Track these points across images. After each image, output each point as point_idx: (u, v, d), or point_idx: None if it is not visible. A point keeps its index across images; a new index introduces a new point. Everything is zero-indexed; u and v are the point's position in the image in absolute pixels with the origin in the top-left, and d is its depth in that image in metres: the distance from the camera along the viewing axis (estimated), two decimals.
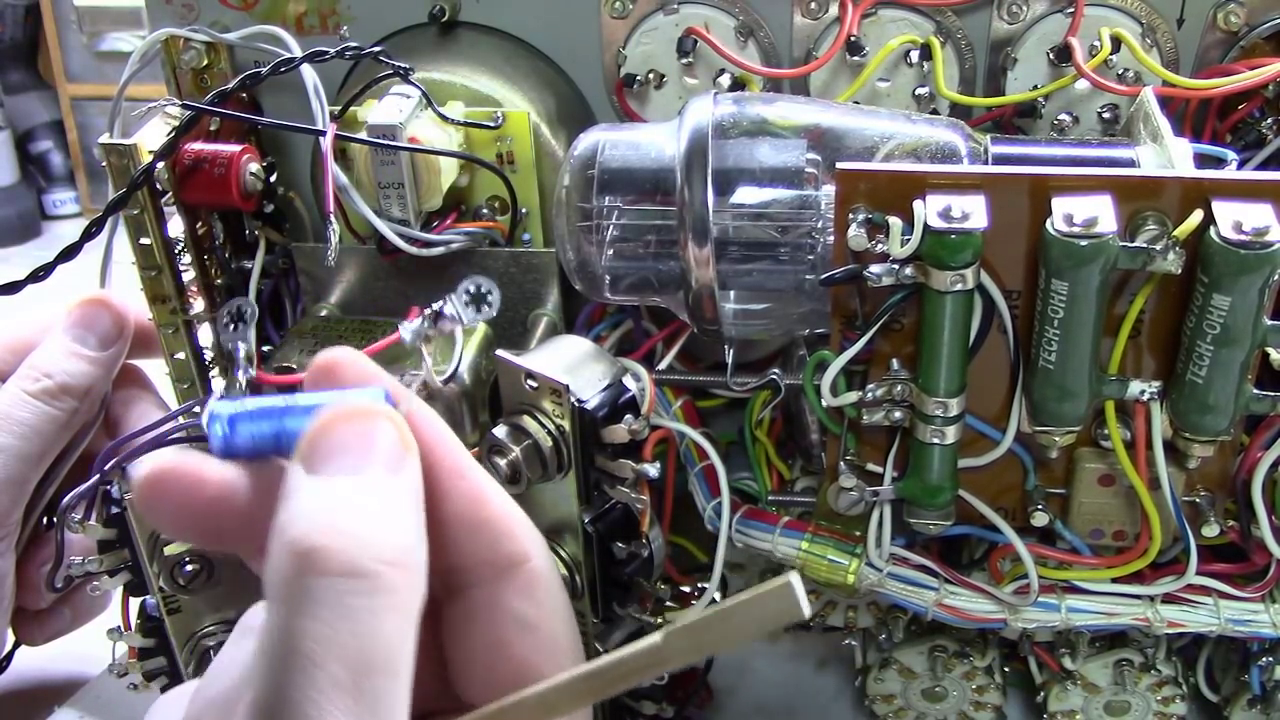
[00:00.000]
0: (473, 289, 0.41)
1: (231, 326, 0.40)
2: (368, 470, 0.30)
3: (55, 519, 0.52)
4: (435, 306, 0.40)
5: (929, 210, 0.36)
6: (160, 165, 0.44)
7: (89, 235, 0.44)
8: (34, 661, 0.56)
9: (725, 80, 0.48)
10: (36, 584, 0.52)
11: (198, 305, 0.48)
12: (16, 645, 0.55)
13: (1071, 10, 0.46)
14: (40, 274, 0.44)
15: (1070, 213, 0.36)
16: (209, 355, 0.49)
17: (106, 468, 0.44)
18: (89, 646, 0.54)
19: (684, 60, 0.48)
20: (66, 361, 0.48)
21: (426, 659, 0.30)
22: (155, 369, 0.54)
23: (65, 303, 0.49)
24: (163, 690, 0.50)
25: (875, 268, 0.38)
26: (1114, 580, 0.44)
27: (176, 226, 0.46)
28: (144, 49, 0.48)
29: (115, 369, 0.50)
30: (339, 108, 0.45)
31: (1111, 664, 0.51)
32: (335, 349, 0.34)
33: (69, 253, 0.44)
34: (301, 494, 0.30)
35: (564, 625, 0.36)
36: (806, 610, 0.31)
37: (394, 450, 0.31)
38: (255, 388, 0.44)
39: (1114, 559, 0.44)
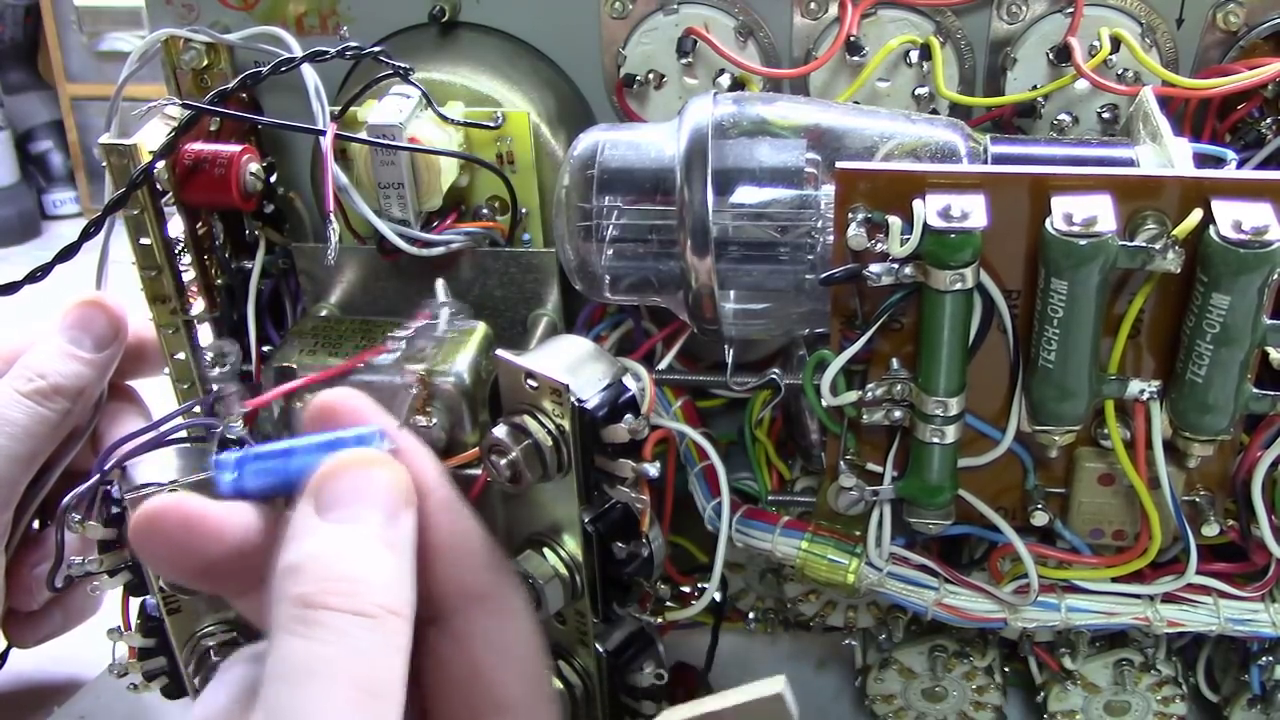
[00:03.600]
0: (444, 312, 0.42)
1: (215, 369, 0.40)
2: (372, 519, 0.33)
3: (50, 520, 0.52)
4: (407, 332, 0.41)
5: (928, 209, 0.36)
6: (160, 165, 0.44)
7: (87, 235, 0.44)
8: (33, 662, 0.56)
9: (725, 80, 0.48)
10: (28, 586, 0.52)
11: (198, 305, 0.48)
12: (9, 647, 0.55)
13: (1071, 10, 0.46)
14: (38, 274, 0.44)
15: (1070, 212, 0.36)
16: (209, 356, 0.49)
17: (106, 467, 0.44)
18: (89, 647, 0.54)
19: (684, 60, 0.48)
20: (60, 362, 0.48)
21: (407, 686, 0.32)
22: (148, 383, 0.54)
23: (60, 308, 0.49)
24: (163, 691, 0.50)
25: (875, 267, 0.38)
26: (1114, 580, 0.44)
27: (176, 226, 0.46)
28: (143, 49, 0.48)
29: (110, 371, 0.50)
30: (339, 108, 0.45)
31: (1111, 664, 0.51)
32: (332, 390, 0.37)
33: (67, 253, 0.44)
34: (315, 537, 0.33)
35: (533, 649, 0.39)
36: (796, 717, 0.32)
37: (396, 500, 0.34)
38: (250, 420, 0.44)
39: (1114, 558, 0.44)
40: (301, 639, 0.30)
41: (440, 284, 0.45)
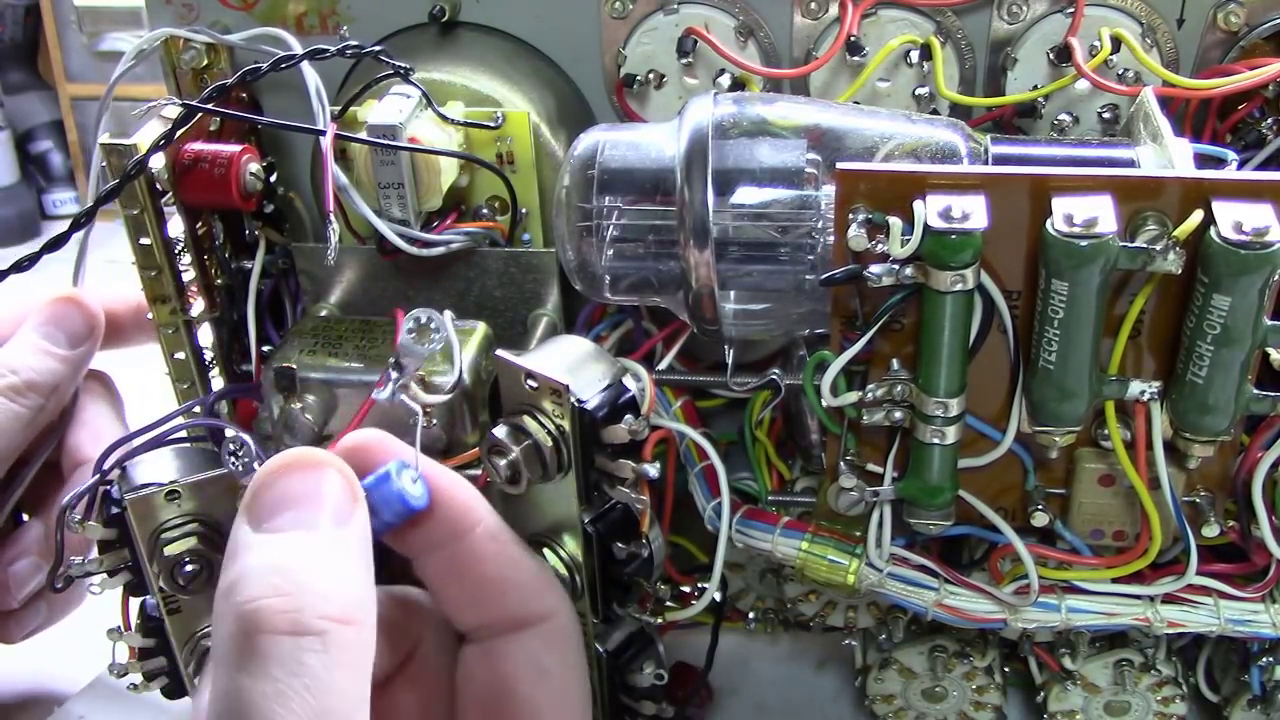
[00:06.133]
0: (413, 323, 0.41)
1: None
2: (315, 524, 0.30)
3: (25, 517, 0.52)
4: (391, 360, 0.41)
5: (929, 210, 0.36)
6: (160, 166, 0.44)
7: (77, 225, 0.44)
8: (33, 662, 0.56)
9: (725, 80, 0.48)
10: (6, 583, 0.51)
11: (198, 305, 0.48)
12: None
13: (1071, 10, 0.46)
14: (25, 264, 0.44)
15: (1070, 213, 0.36)
16: (209, 355, 0.49)
17: (106, 467, 0.44)
18: (89, 647, 0.54)
19: (684, 60, 0.48)
20: (34, 358, 0.48)
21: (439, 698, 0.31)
22: (146, 375, 0.54)
23: (36, 298, 0.49)
24: (163, 691, 0.50)
25: (875, 268, 0.38)
26: (1114, 580, 0.44)
27: (176, 227, 0.46)
28: (139, 46, 0.48)
29: (84, 368, 0.50)
30: (339, 108, 0.45)
31: (1111, 664, 0.51)
32: (362, 432, 0.35)
33: (55, 243, 0.43)
34: (250, 551, 0.30)
35: (577, 680, 0.37)
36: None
37: (342, 501, 0.31)
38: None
39: (1114, 559, 0.44)
40: (240, 675, 0.28)
41: (448, 315, 0.44)
